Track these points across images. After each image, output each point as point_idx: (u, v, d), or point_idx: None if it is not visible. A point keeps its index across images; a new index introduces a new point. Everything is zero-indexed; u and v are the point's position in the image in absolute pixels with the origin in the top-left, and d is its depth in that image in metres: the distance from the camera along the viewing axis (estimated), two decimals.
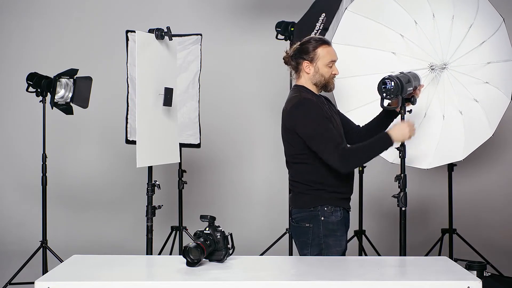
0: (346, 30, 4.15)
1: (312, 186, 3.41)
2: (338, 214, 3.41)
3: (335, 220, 3.39)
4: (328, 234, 3.37)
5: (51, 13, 7.03)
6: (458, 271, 2.88)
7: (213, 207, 6.57)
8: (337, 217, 3.40)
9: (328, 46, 3.48)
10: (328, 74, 3.46)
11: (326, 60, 3.44)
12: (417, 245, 5.86)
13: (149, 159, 4.05)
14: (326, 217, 3.38)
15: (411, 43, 4.05)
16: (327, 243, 3.37)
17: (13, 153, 7.02)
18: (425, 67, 4.00)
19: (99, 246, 6.43)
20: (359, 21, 4.13)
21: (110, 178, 6.96)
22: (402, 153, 3.55)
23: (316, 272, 2.94)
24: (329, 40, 3.58)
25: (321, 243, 3.37)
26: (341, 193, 3.45)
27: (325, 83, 3.48)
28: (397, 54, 4.07)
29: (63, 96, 5.13)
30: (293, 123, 3.39)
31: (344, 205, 3.47)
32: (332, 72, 3.47)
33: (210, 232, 3.00)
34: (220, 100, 6.87)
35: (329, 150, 3.28)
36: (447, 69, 3.97)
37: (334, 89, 3.58)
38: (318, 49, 3.45)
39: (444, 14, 4.00)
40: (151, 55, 3.98)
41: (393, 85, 3.39)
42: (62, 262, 3.19)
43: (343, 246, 3.42)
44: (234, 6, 6.90)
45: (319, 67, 3.45)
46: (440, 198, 6.41)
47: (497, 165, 6.76)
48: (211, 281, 2.73)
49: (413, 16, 4.05)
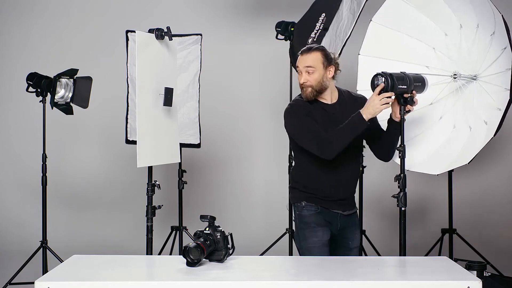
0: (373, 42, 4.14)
1: (293, 184, 3.76)
2: (312, 209, 3.64)
3: (308, 214, 3.64)
4: (303, 227, 3.65)
5: (51, 13, 7.03)
6: (458, 271, 2.88)
7: (213, 207, 6.57)
8: (310, 211, 3.64)
9: (300, 55, 3.65)
10: (299, 81, 3.65)
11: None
12: (417, 245, 5.86)
13: (149, 159, 4.05)
14: (300, 211, 3.67)
15: (442, 55, 4.05)
16: (304, 234, 3.64)
17: (13, 153, 7.02)
18: (448, 75, 3.99)
19: (99, 246, 6.43)
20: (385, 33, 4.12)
21: (110, 178, 6.96)
22: (402, 153, 3.54)
23: (316, 272, 2.94)
24: (310, 48, 3.64)
25: (299, 235, 3.68)
26: (314, 193, 3.65)
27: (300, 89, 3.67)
28: (430, 68, 4.09)
29: (63, 96, 5.13)
30: (285, 127, 3.69)
31: (321, 204, 3.65)
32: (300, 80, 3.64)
33: (210, 232, 3.00)
34: (220, 100, 6.87)
35: (309, 142, 3.53)
36: (478, 80, 3.94)
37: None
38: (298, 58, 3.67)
39: (469, 23, 3.96)
40: (151, 55, 3.98)
41: (383, 81, 3.43)
42: (62, 262, 3.19)
43: (320, 236, 3.60)
44: (234, 6, 6.91)
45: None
46: (440, 198, 6.41)
47: (497, 165, 6.76)
48: (211, 281, 2.73)
49: (442, 27, 4.04)
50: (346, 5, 4.62)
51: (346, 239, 3.71)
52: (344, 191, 3.67)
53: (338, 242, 3.71)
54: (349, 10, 4.60)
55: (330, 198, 3.64)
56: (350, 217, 3.72)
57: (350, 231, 3.72)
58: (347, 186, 3.69)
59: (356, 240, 3.75)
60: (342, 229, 3.69)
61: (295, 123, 3.60)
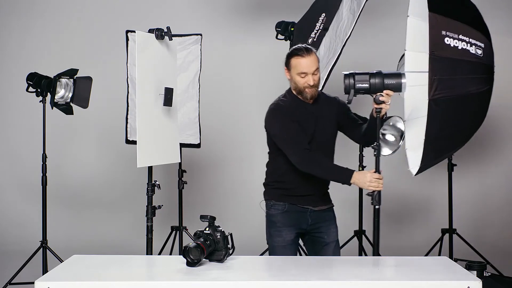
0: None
1: (266, 180, 3.86)
2: (279, 208, 3.73)
3: (274, 213, 3.75)
4: (270, 226, 3.77)
5: (51, 13, 7.03)
6: (458, 271, 2.88)
7: (213, 207, 6.57)
8: (277, 210, 3.74)
9: (301, 57, 3.64)
10: (301, 84, 3.66)
11: (296, 71, 3.65)
12: (417, 245, 5.87)
13: (149, 159, 4.05)
14: (268, 210, 3.80)
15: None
16: (270, 233, 3.77)
17: (13, 153, 7.02)
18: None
19: (99, 246, 6.43)
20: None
21: (110, 178, 6.96)
22: (377, 151, 3.56)
23: (316, 272, 2.95)
24: (308, 49, 3.67)
25: (267, 233, 3.79)
26: (286, 189, 3.73)
27: (299, 91, 3.69)
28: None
29: (63, 96, 5.13)
30: (266, 125, 3.76)
31: (290, 200, 3.72)
32: (307, 82, 3.65)
33: (210, 232, 3.01)
34: (220, 100, 6.87)
35: (290, 149, 3.62)
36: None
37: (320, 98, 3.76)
38: (291, 59, 3.68)
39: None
40: (151, 55, 3.98)
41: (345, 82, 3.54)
42: (62, 262, 3.20)
43: (283, 236, 3.70)
44: (234, 6, 6.90)
45: (292, 75, 3.69)
46: (440, 198, 6.41)
47: (497, 165, 6.76)
48: (211, 281, 2.73)
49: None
50: (346, 5, 4.62)
51: (321, 234, 3.76)
52: (313, 187, 3.73)
53: (313, 237, 3.78)
54: (349, 10, 4.60)
55: (299, 193, 3.72)
56: (324, 212, 3.78)
57: (324, 226, 3.77)
58: (317, 181, 3.73)
59: (333, 235, 3.79)
60: (315, 224, 3.75)
61: (279, 126, 3.68)
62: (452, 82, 3.50)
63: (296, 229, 3.74)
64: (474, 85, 3.54)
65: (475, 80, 3.55)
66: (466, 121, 3.66)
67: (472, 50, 3.54)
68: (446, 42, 3.48)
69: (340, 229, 3.87)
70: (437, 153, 3.70)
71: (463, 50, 3.51)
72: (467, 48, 3.52)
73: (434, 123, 3.47)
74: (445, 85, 3.45)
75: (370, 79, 3.55)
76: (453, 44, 3.50)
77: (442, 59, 3.46)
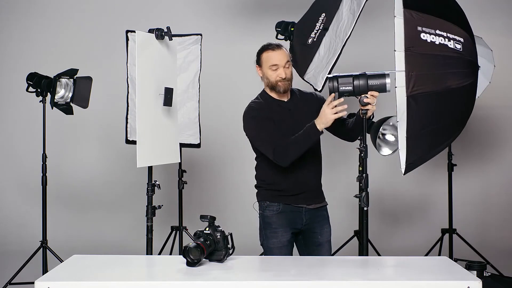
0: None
1: (258, 183, 3.86)
2: (273, 209, 3.73)
3: (269, 214, 3.74)
4: (265, 227, 3.76)
5: (51, 13, 7.03)
6: (458, 271, 2.88)
7: (213, 207, 6.57)
8: (272, 212, 3.73)
9: (271, 51, 3.71)
10: (273, 77, 3.71)
11: (268, 64, 3.71)
12: (417, 245, 5.87)
13: (149, 159, 4.05)
14: (262, 211, 3.80)
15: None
16: (266, 234, 3.76)
17: (13, 153, 7.02)
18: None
19: (99, 246, 6.43)
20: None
21: (110, 178, 6.96)
22: (364, 153, 3.54)
23: (316, 272, 2.95)
24: (278, 45, 3.74)
25: (262, 235, 3.79)
26: (279, 190, 3.73)
27: (272, 85, 3.73)
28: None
29: (63, 96, 5.14)
30: (243, 128, 3.77)
31: (284, 200, 3.72)
32: (279, 76, 3.69)
33: (210, 232, 3.01)
34: (220, 100, 6.87)
35: (266, 147, 3.64)
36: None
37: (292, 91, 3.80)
38: (262, 54, 3.74)
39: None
40: (151, 55, 3.98)
41: (328, 85, 3.53)
42: (62, 262, 3.19)
43: (279, 238, 3.70)
44: (234, 6, 6.90)
45: (264, 71, 3.76)
46: (440, 198, 6.41)
47: (497, 165, 6.76)
48: (211, 281, 2.73)
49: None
50: (346, 5, 4.61)
51: (315, 234, 3.76)
52: (306, 184, 3.73)
53: (307, 237, 3.78)
54: (349, 10, 4.59)
55: (291, 192, 3.72)
56: (318, 211, 3.78)
57: (318, 225, 3.77)
58: (309, 178, 3.74)
59: (326, 234, 3.79)
60: (309, 224, 3.75)
61: (252, 127, 3.70)
62: (430, 77, 3.44)
63: (291, 229, 3.74)
64: (454, 80, 3.47)
65: (456, 75, 3.48)
66: (450, 116, 3.58)
67: (450, 44, 3.47)
68: (423, 38, 3.43)
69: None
70: (423, 150, 3.63)
71: (440, 45, 3.44)
72: (445, 43, 3.46)
73: (415, 120, 3.42)
74: (423, 80, 3.40)
75: (354, 81, 3.52)
76: (429, 40, 3.44)
77: (418, 55, 3.41)
